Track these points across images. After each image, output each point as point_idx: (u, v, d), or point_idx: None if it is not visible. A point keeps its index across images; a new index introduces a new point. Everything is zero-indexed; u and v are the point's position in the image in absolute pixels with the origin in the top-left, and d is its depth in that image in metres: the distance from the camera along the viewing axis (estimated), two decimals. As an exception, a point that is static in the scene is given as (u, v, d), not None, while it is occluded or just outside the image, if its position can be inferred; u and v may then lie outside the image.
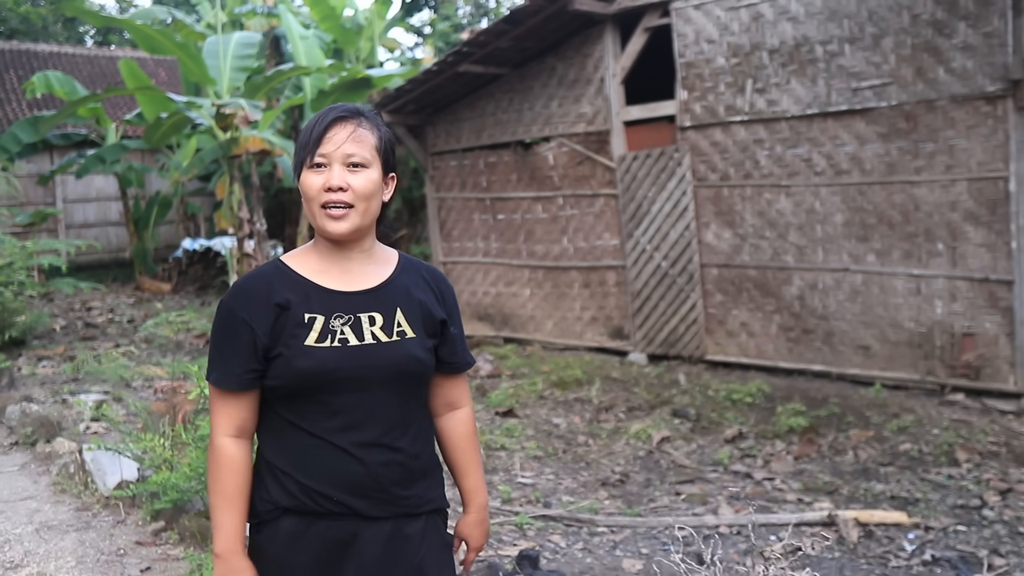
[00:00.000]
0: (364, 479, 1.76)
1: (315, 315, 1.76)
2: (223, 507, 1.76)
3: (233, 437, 1.78)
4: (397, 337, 1.80)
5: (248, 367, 1.76)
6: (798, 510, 4.75)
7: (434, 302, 1.89)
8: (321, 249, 1.83)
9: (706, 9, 7.60)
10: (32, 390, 7.48)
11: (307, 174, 1.77)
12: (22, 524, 4.38)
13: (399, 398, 1.81)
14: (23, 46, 19.63)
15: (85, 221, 18.40)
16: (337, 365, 1.74)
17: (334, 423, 1.76)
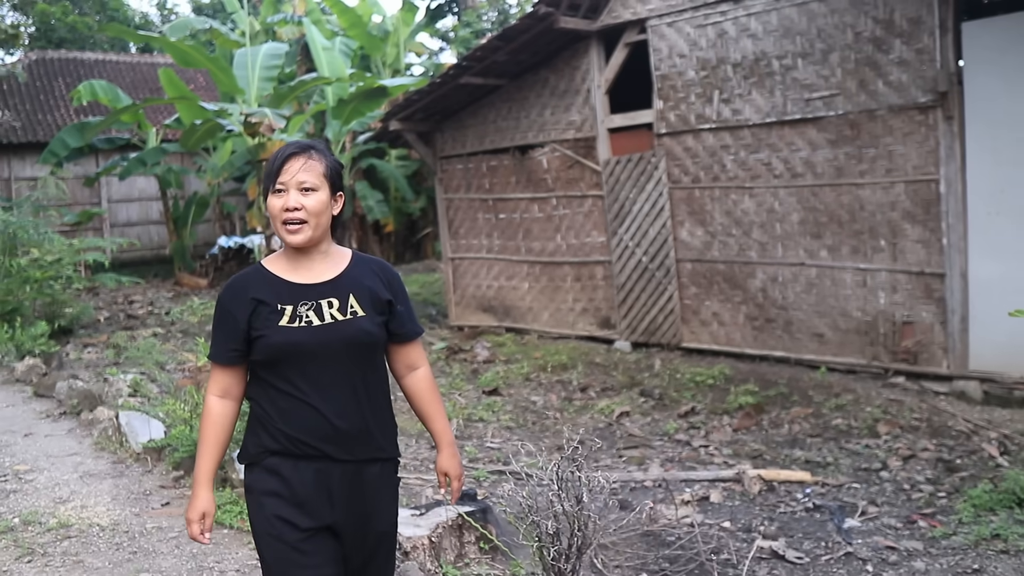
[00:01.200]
0: (330, 431, 2.26)
1: (286, 304, 2.28)
2: (203, 448, 2.36)
3: (219, 397, 2.35)
4: (350, 316, 2.30)
5: (232, 347, 2.31)
6: (718, 470, 5.61)
7: (381, 287, 2.38)
8: (289, 253, 2.36)
9: (677, 26, 8.45)
10: (78, 371, 8.60)
11: (271, 198, 2.30)
12: (69, 473, 5.43)
13: (355, 365, 2.31)
14: (71, 54, 21.04)
15: (128, 220, 19.72)
16: (304, 340, 2.25)
17: (305, 386, 2.26)
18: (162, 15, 25.77)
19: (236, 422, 2.40)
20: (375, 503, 2.35)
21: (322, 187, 2.29)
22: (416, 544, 3.84)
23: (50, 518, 4.59)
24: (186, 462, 5.25)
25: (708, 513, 4.89)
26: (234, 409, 2.37)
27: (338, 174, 2.37)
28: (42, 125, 18.73)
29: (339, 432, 2.26)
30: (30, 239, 10.40)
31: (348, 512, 2.30)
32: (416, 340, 2.48)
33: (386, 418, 2.40)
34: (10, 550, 4.19)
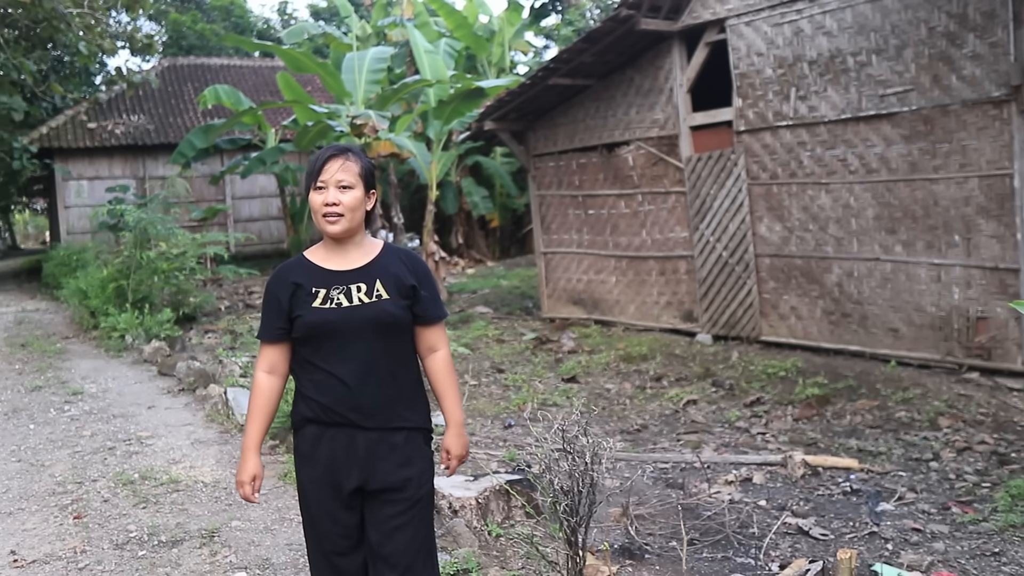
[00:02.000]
0: (354, 400, 2.56)
1: (319, 288, 2.61)
2: (251, 418, 2.69)
3: (266, 372, 2.67)
4: (375, 299, 2.60)
5: (277, 325, 2.64)
6: (767, 455, 5.95)
7: (406, 273, 2.66)
8: (327, 244, 2.70)
9: (755, 25, 8.70)
10: (197, 354, 9.59)
11: (312, 194, 2.63)
12: (182, 439, 6.27)
13: (380, 343, 2.60)
14: (199, 60, 22.69)
15: (250, 216, 21.16)
16: (334, 319, 2.57)
17: (334, 360, 2.58)
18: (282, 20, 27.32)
19: (281, 395, 2.71)
20: (403, 468, 2.60)
21: (357, 185, 2.60)
22: (464, 504, 4.40)
23: (163, 475, 5.40)
24: (281, 432, 5.99)
25: (749, 493, 5.25)
26: (279, 384, 2.68)
27: (371, 174, 2.68)
28: (173, 128, 20.32)
29: (362, 402, 2.56)
30: (158, 234, 11.55)
31: (377, 474, 2.58)
32: (438, 324, 2.75)
33: (412, 392, 2.68)
34: (129, 498, 5.00)
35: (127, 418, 6.97)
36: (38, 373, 8.94)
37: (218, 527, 4.54)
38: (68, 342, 10.94)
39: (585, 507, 3.53)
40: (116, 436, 6.44)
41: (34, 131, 19.40)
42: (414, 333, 2.71)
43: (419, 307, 2.68)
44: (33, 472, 5.65)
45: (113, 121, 20.14)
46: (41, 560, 4.23)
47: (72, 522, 4.72)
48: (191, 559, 4.18)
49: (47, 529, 4.64)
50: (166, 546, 4.34)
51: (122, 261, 11.37)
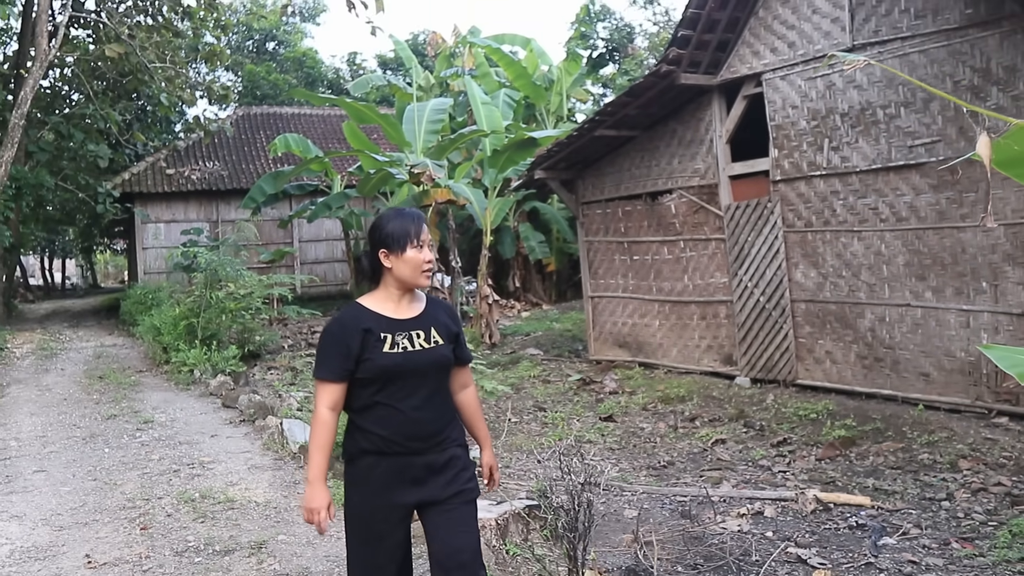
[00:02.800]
0: (416, 431, 2.95)
1: (387, 334, 2.96)
2: (316, 451, 2.95)
3: (330, 409, 2.94)
4: (434, 344, 3.03)
5: (346, 367, 2.92)
6: (782, 491, 6.27)
7: (450, 322, 3.14)
8: (385, 295, 3.06)
9: (790, 79, 9.14)
10: (259, 388, 10.29)
11: (412, 252, 3.01)
12: (240, 465, 6.89)
13: (436, 382, 3.04)
14: (271, 109, 23.95)
15: (316, 258, 22.11)
16: (401, 363, 2.94)
17: (400, 396, 2.94)
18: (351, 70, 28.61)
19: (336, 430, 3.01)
20: (457, 477, 3.01)
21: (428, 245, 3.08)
22: (484, 524, 4.87)
23: (221, 495, 6.00)
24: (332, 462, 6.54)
25: (758, 525, 5.60)
26: (337, 419, 2.98)
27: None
28: (245, 174, 21.47)
29: (423, 432, 2.94)
30: (227, 275, 12.38)
31: (435, 487, 2.97)
32: (468, 364, 3.26)
33: (454, 416, 3.13)
34: (189, 514, 5.61)
35: (192, 445, 7.64)
36: (114, 403, 9.73)
37: (266, 540, 5.10)
38: (141, 375, 11.78)
39: (583, 524, 3.98)
40: (181, 460, 7.09)
41: (117, 177, 20.74)
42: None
43: (459, 351, 3.14)
44: (106, 490, 6.31)
45: (190, 167, 21.40)
46: (111, 563, 4.84)
47: (139, 532, 5.34)
48: (240, 566, 4.74)
49: (117, 538, 5.27)
50: (219, 554, 4.91)
51: (193, 300, 12.21)
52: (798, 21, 9.02)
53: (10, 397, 10.57)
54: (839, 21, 8.64)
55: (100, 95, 19.72)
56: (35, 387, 11.26)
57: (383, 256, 3.00)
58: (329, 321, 3.05)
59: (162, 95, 18.70)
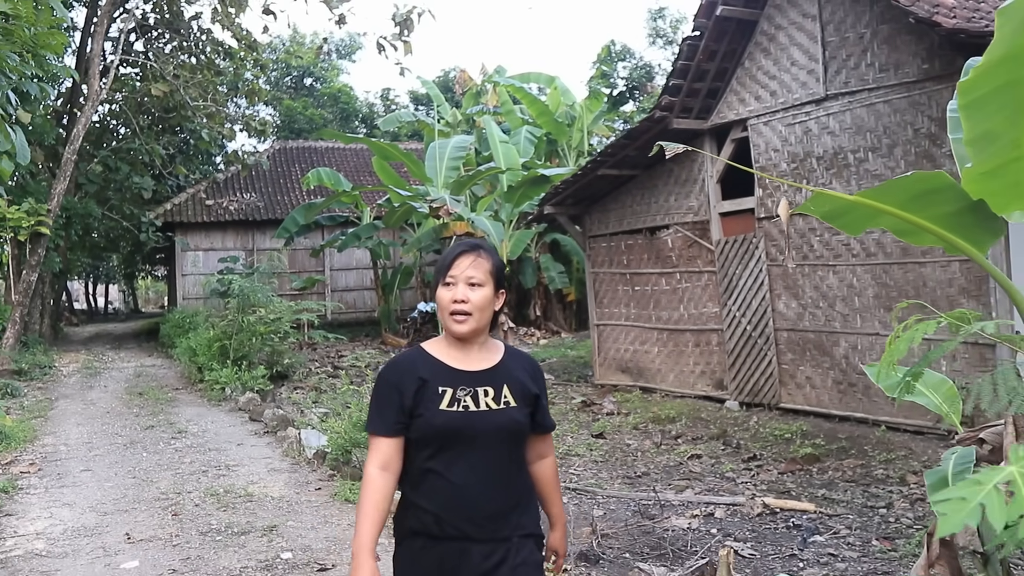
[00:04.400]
0: (473, 511, 2.42)
1: (446, 388, 2.45)
2: (362, 517, 2.40)
3: (380, 469, 2.44)
4: (503, 405, 2.48)
5: (397, 420, 2.45)
6: (735, 497, 7.08)
7: (529, 381, 2.58)
8: (449, 341, 2.56)
9: (772, 125, 10.02)
10: (284, 405, 11.29)
11: (441, 290, 2.53)
12: (261, 468, 7.86)
13: (505, 450, 2.49)
14: (306, 144, 25.27)
15: (346, 286, 23.24)
16: (460, 425, 2.42)
17: (453, 467, 2.43)
18: (384, 105, 29.97)
19: (392, 495, 2.49)
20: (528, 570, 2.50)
21: (487, 283, 2.51)
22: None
23: (242, 491, 6.98)
24: (339, 465, 7.50)
25: (707, 524, 6.42)
26: (393, 483, 2.47)
27: (502, 272, 2.58)
28: (280, 205, 22.73)
29: (482, 513, 2.43)
30: (259, 301, 13.46)
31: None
32: (550, 433, 2.72)
33: (528, 499, 2.59)
34: (214, 504, 6.59)
35: (219, 451, 8.64)
36: (151, 416, 10.79)
37: (277, 524, 6.05)
38: (177, 392, 12.87)
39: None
40: (209, 463, 8.09)
41: (159, 207, 22.10)
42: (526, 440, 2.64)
43: (539, 416, 2.63)
44: (144, 485, 7.32)
45: (228, 198, 22.72)
46: (146, 540, 5.82)
47: (170, 518, 6.32)
48: (253, 544, 5.69)
49: (151, 521, 6.25)
50: (237, 535, 5.87)
51: (227, 323, 13.30)
52: (778, 72, 9.92)
53: (59, 410, 11.70)
54: (814, 73, 9.52)
55: (145, 130, 21.12)
56: (81, 401, 12.38)
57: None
58: (384, 365, 2.64)
59: (203, 131, 20.03)
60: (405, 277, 20.72)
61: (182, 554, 5.55)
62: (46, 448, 9.09)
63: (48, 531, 6.09)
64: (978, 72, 2.81)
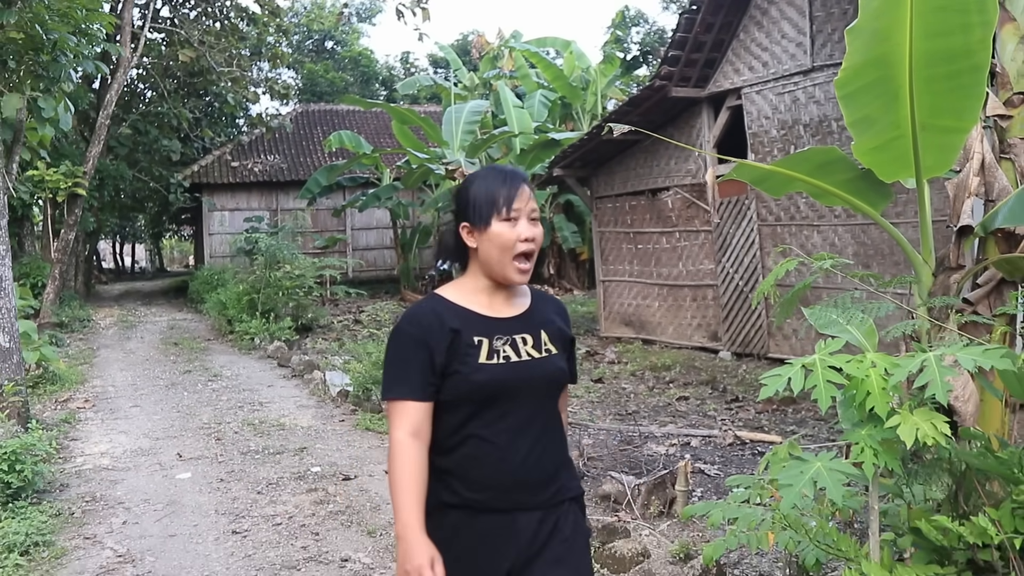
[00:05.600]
0: (526, 475, 2.16)
1: (482, 337, 2.16)
2: (401, 493, 2.10)
3: (411, 436, 2.12)
4: (545, 353, 2.22)
5: (428, 380, 2.14)
6: (711, 431, 8.01)
7: (564, 326, 2.33)
8: (478, 285, 2.23)
9: (763, 94, 10.80)
10: (310, 354, 12.32)
11: (499, 226, 2.15)
12: (290, 404, 8.88)
13: (547, 403, 2.24)
14: (328, 107, 26.13)
15: (367, 245, 24.22)
16: (505, 377, 2.14)
17: (502, 426, 2.15)
18: (404, 68, 30.72)
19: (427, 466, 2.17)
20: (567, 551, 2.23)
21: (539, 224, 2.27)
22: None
23: (274, 422, 8.00)
24: (361, 401, 8.51)
25: (682, 451, 7.37)
26: (426, 451, 2.17)
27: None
28: (303, 166, 23.67)
29: (532, 478, 2.17)
30: (284, 258, 14.45)
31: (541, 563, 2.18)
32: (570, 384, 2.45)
33: (567, 455, 2.34)
34: (251, 431, 7.62)
35: (252, 391, 9.67)
36: (187, 362, 11.85)
37: (307, 447, 7.07)
38: (209, 343, 13.94)
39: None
40: (244, 401, 9.13)
41: (187, 169, 23.10)
42: None
43: (570, 365, 2.36)
44: (187, 418, 8.36)
45: (252, 160, 23.69)
46: (195, 458, 6.85)
47: (214, 442, 7.36)
48: (287, 460, 6.70)
49: (198, 444, 7.29)
50: (272, 455, 6.89)
51: (255, 279, 14.32)
52: (770, 44, 10.67)
53: (102, 357, 12.79)
54: (802, 45, 10.27)
55: (172, 94, 22.05)
56: (120, 351, 13.48)
57: (465, 232, 2.23)
58: (400, 319, 2.27)
59: (229, 95, 20.94)
60: (424, 236, 21.63)
61: (227, 468, 6.57)
62: (96, 389, 10.15)
63: (110, 452, 7.14)
64: (847, 73, 3.71)
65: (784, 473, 2.74)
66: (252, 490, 5.98)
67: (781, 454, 3.07)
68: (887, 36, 3.51)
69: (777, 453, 3.08)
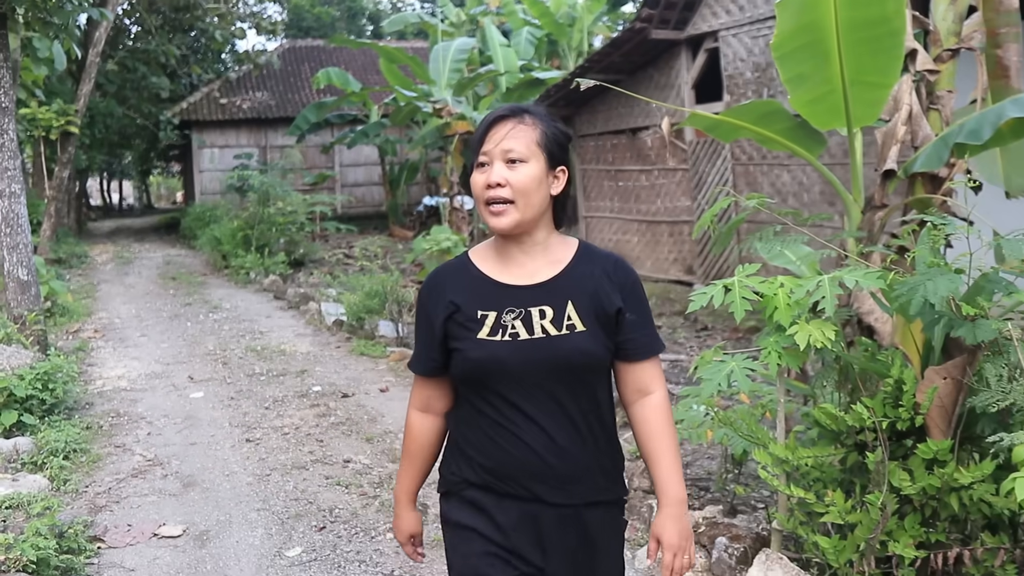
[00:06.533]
0: (542, 468, 1.94)
1: (488, 311, 1.94)
2: (403, 464, 2.17)
3: (419, 411, 2.11)
4: (567, 331, 1.91)
5: (430, 356, 2.03)
6: (676, 355, 8.74)
7: (609, 292, 1.96)
8: (498, 244, 2.01)
9: (739, 37, 11.31)
10: (304, 287, 12.96)
11: (474, 174, 1.95)
12: (288, 333, 9.56)
13: (570, 390, 1.94)
14: (315, 43, 26.31)
15: (355, 181, 24.70)
16: (507, 357, 1.90)
17: (512, 412, 1.94)
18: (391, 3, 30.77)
19: (442, 439, 2.15)
20: (596, 558, 2.04)
21: (533, 158, 1.93)
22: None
23: (276, 348, 8.68)
24: (355, 329, 9.18)
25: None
26: (437, 425, 2.13)
27: (559, 143, 1.98)
28: (291, 103, 23.99)
29: (553, 470, 1.95)
30: (277, 194, 14.99)
31: (562, 564, 2.00)
32: (651, 359, 2.03)
33: (611, 452, 2.05)
34: (255, 356, 8.31)
35: (252, 321, 10.34)
36: (187, 295, 12.49)
37: (307, 369, 7.76)
38: (206, 277, 14.56)
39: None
40: (245, 330, 9.79)
41: (175, 106, 23.38)
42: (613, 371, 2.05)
43: (623, 336, 2.00)
44: (195, 345, 9.03)
45: (241, 97, 23.98)
46: (205, 380, 7.54)
47: (221, 366, 8.04)
48: (290, 381, 7.40)
49: (206, 368, 7.97)
50: (276, 376, 7.58)
51: (249, 215, 14.88)
52: (745, -12, 11.16)
53: (103, 292, 13.40)
54: (775, -10, 10.74)
55: (158, 30, 22.23)
56: (120, 285, 14.09)
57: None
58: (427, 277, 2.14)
59: (217, 32, 21.17)
60: (411, 173, 22.11)
61: (235, 388, 7.27)
62: (102, 320, 10.79)
63: (127, 375, 7.81)
64: (780, 38, 4.32)
65: (707, 371, 3.42)
66: (260, 406, 6.68)
67: (707, 358, 3.72)
68: (814, 6, 4.11)
69: (704, 358, 3.73)
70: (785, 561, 3.48)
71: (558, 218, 2.06)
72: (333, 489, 4.96)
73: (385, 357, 8.11)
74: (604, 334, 1.96)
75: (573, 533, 1.99)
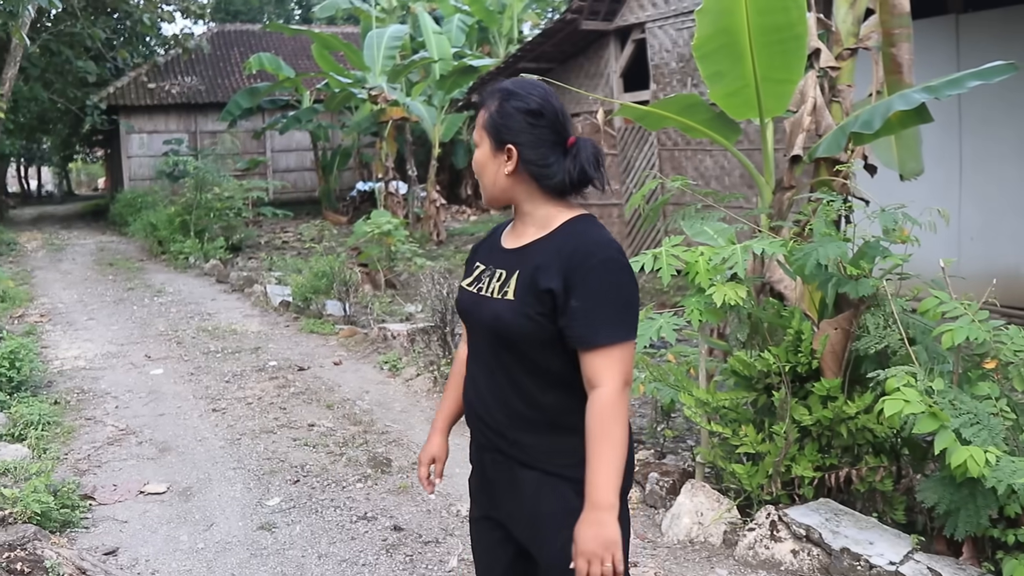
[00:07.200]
0: (475, 408, 2.15)
1: (479, 264, 2.18)
2: (444, 391, 2.38)
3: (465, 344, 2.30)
4: (500, 296, 2.02)
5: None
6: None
7: (550, 270, 1.96)
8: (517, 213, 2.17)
9: (664, 29, 11.98)
10: (246, 272, 13.27)
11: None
12: (236, 315, 9.92)
13: (497, 352, 2.05)
14: (244, 27, 26.28)
15: (287, 167, 24.84)
16: (464, 307, 2.17)
17: (472, 358, 2.20)
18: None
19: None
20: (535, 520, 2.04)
21: (483, 140, 2.08)
22: (398, 333, 7.92)
23: (227, 328, 9.06)
24: (302, 309, 9.60)
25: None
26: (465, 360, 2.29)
27: (500, 124, 2.05)
28: (221, 88, 23.99)
29: (481, 420, 2.13)
30: (213, 180, 15.21)
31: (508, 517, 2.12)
32: (594, 351, 1.91)
33: (539, 426, 2.04)
34: (207, 336, 8.69)
35: (198, 304, 10.66)
36: (127, 280, 12.69)
37: (260, 346, 8.18)
38: (143, 263, 14.72)
39: (449, 321, 7.02)
40: (193, 312, 10.12)
41: (102, 91, 23.18)
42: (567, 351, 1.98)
43: (563, 321, 1.94)
44: (144, 327, 9.34)
45: (169, 82, 23.88)
46: (162, 359, 7.90)
47: (175, 345, 8.40)
48: (245, 358, 7.81)
49: (161, 347, 8.33)
50: (231, 353, 7.98)
51: (186, 201, 15.07)
52: (670, -18, 11.83)
53: (40, 279, 13.49)
54: (698, -16, 11.44)
55: (81, 11, 21.99)
56: (56, 271, 14.16)
57: None
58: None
59: (145, 15, 21.07)
60: (344, 158, 22.36)
61: (193, 365, 7.66)
62: (45, 306, 10.96)
63: (83, 355, 8.11)
64: (701, 40, 4.94)
65: (639, 328, 4.02)
66: (220, 380, 7.10)
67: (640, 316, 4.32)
68: (729, 13, 4.74)
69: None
70: (708, 488, 4.11)
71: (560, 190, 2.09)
72: (302, 449, 5.44)
73: (335, 334, 8.56)
74: (536, 309, 1.96)
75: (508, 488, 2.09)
